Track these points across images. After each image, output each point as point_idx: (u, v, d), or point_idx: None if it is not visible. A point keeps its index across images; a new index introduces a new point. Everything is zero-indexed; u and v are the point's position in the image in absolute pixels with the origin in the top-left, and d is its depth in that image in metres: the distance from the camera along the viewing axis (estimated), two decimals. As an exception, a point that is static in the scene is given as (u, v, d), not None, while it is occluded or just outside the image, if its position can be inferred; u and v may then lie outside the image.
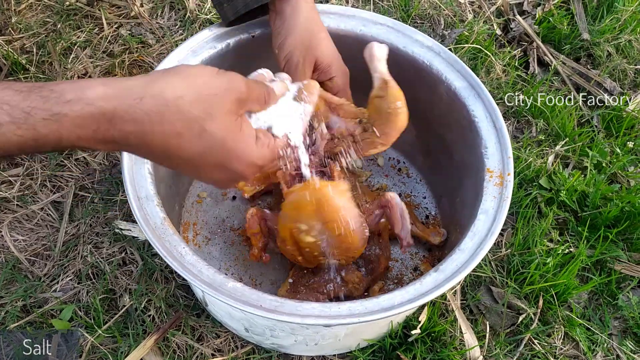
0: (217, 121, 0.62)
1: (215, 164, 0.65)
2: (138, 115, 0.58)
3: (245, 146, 0.66)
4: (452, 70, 1.06)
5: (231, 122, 0.64)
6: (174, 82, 0.60)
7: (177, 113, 0.59)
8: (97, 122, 0.57)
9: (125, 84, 0.59)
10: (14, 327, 1.11)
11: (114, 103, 0.57)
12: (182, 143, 0.61)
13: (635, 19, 1.64)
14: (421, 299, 0.81)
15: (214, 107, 0.62)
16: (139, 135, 0.59)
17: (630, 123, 1.47)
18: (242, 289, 0.82)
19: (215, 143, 0.63)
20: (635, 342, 1.19)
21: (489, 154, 0.97)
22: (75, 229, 1.23)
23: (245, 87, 0.65)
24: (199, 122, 0.61)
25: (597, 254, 1.24)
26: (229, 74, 0.65)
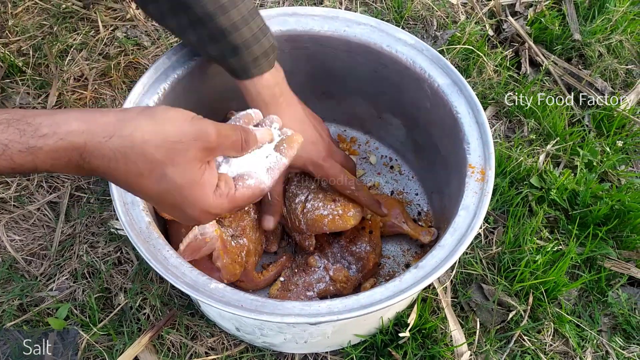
0: (178, 168, 0.64)
1: (172, 205, 0.68)
2: (105, 153, 0.62)
3: (201, 195, 0.67)
4: (435, 68, 1.07)
5: (192, 171, 0.66)
6: (144, 125, 0.63)
7: (141, 155, 0.63)
8: (69, 154, 0.61)
9: (99, 121, 0.62)
10: (11, 326, 1.13)
11: (85, 138, 0.61)
12: (143, 182, 0.65)
13: (626, 20, 1.65)
14: (400, 295, 0.82)
15: (177, 155, 0.64)
16: (104, 169, 0.63)
17: (621, 122, 1.48)
18: (223, 290, 0.83)
19: (173, 188, 0.66)
20: (625, 338, 1.21)
21: (471, 149, 0.99)
22: (71, 228, 1.25)
23: (216, 136, 0.66)
24: (160, 166, 0.64)
25: (587, 252, 1.26)
26: (202, 123, 0.66)
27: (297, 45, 1.17)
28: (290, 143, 0.77)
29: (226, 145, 0.68)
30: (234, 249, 1.06)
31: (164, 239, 0.91)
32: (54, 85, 1.43)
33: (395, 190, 1.30)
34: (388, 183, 1.32)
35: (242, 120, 0.78)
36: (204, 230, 1.00)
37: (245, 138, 0.71)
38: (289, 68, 1.22)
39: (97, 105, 1.41)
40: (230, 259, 1.05)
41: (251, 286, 1.13)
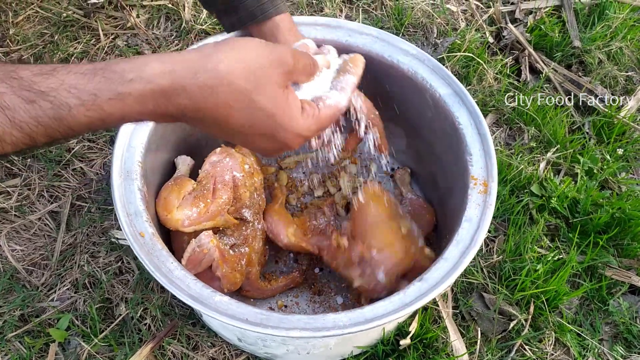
0: (265, 94, 0.65)
1: (263, 134, 0.68)
2: (192, 90, 0.62)
3: (291, 117, 0.68)
4: (437, 78, 1.07)
5: (278, 94, 0.66)
6: (226, 56, 0.63)
7: (228, 86, 0.63)
8: (156, 98, 0.61)
9: (181, 59, 0.62)
10: (12, 337, 1.13)
11: (170, 78, 0.61)
12: (233, 114, 0.65)
13: (626, 26, 1.65)
14: (405, 309, 0.82)
15: (262, 80, 0.64)
16: (193, 108, 0.63)
17: (621, 129, 1.49)
18: (228, 303, 0.83)
19: (263, 115, 0.66)
20: (626, 347, 1.21)
21: (473, 161, 0.99)
22: (72, 238, 1.25)
23: (292, 59, 0.68)
24: (248, 95, 0.64)
25: (587, 260, 1.26)
26: (277, 47, 0.68)
27: (298, 55, 1.17)
28: (355, 62, 0.79)
29: (299, 69, 0.69)
30: (233, 258, 1.06)
31: (168, 250, 0.91)
32: (54, 94, 1.42)
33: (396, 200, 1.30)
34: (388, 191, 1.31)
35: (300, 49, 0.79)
36: (200, 242, 1.01)
37: (313, 62, 0.73)
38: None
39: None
40: (229, 268, 1.05)
41: (257, 294, 1.14)
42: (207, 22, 1.58)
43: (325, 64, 0.78)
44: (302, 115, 0.70)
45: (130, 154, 1.00)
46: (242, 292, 1.13)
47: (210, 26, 1.57)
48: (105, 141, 1.38)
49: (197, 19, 1.59)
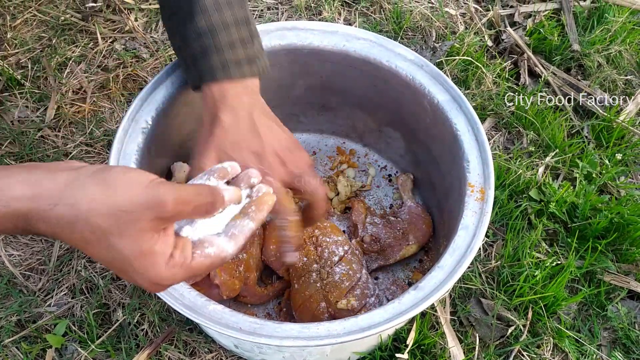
0: (126, 239, 0.60)
1: (122, 273, 0.64)
2: (50, 220, 0.59)
3: (151, 266, 0.63)
4: (435, 84, 1.07)
5: (141, 241, 0.61)
6: (92, 192, 0.60)
7: (86, 225, 0.59)
8: (15, 220, 0.59)
9: (45, 186, 0.60)
10: (9, 342, 1.13)
11: (28, 205, 0.59)
12: (90, 249, 0.62)
13: (625, 30, 1.65)
14: (400, 318, 0.81)
15: (126, 225, 0.60)
16: (52, 234, 0.61)
17: (620, 133, 1.48)
18: (221, 312, 0.83)
19: (121, 258, 0.62)
20: (624, 353, 1.20)
21: (470, 167, 0.98)
22: (70, 243, 1.24)
23: (174, 205, 0.61)
24: (106, 236, 0.60)
25: (586, 265, 1.25)
26: (160, 189, 0.61)
27: (296, 59, 1.16)
28: (259, 205, 0.71)
29: (187, 212, 0.63)
30: (231, 265, 1.06)
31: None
32: (52, 98, 1.42)
33: (395, 204, 1.30)
34: (387, 196, 1.31)
35: (216, 175, 0.71)
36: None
37: (212, 200, 0.65)
38: (289, 81, 1.23)
39: (95, 117, 1.41)
40: (227, 275, 1.05)
41: (254, 300, 1.13)
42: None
43: (237, 200, 0.69)
44: (167, 265, 0.63)
45: (127, 158, 0.99)
46: (239, 298, 1.12)
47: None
48: (102, 145, 1.38)
49: (196, 23, 1.58)
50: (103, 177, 0.61)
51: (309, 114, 1.33)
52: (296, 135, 1.37)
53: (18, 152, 1.34)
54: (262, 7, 1.66)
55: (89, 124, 1.40)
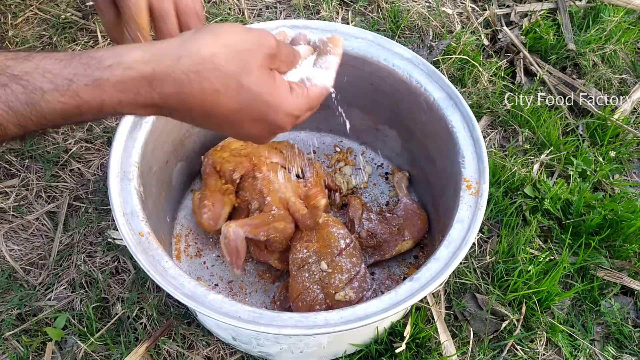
0: (253, 75, 0.63)
1: (254, 118, 0.66)
2: (177, 76, 0.59)
3: (281, 98, 0.66)
4: (431, 82, 1.09)
5: (266, 76, 0.65)
6: (208, 40, 0.62)
7: (214, 70, 0.61)
8: (138, 85, 0.58)
9: (161, 46, 0.61)
10: (10, 335, 1.14)
11: (152, 65, 0.59)
12: (221, 99, 0.62)
13: (620, 29, 1.66)
14: (396, 308, 0.83)
15: (249, 62, 0.63)
16: (178, 96, 0.60)
17: (614, 132, 1.50)
18: (221, 301, 0.84)
19: (253, 97, 0.64)
20: (617, 348, 1.22)
21: (465, 163, 1.00)
22: (70, 238, 1.26)
23: (276, 43, 0.66)
24: (235, 78, 0.62)
25: (579, 261, 1.27)
26: (259, 31, 0.66)
27: (293, 58, 1.18)
28: (334, 42, 0.77)
29: (282, 57, 0.68)
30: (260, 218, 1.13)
31: (163, 249, 0.93)
32: (52, 95, 1.44)
33: (391, 201, 1.32)
34: (383, 193, 1.33)
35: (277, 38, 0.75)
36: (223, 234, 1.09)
37: (293, 52, 0.72)
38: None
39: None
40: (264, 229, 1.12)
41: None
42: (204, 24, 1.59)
43: (309, 52, 0.76)
44: (292, 95, 0.68)
45: (127, 155, 1.01)
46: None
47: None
48: (102, 142, 1.39)
49: (195, 21, 1.60)
50: (210, 30, 0.63)
51: (307, 112, 1.34)
52: (294, 133, 1.39)
53: (19, 149, 1.35)
54: (260, 6, 1.67)
55: (89, 121, 1.41)
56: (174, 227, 1.26)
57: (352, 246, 1.13)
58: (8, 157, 1.34)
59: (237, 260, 1.11)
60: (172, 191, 1.23)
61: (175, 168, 1.22)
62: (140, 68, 0.58)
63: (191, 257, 1.23)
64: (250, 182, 1.17)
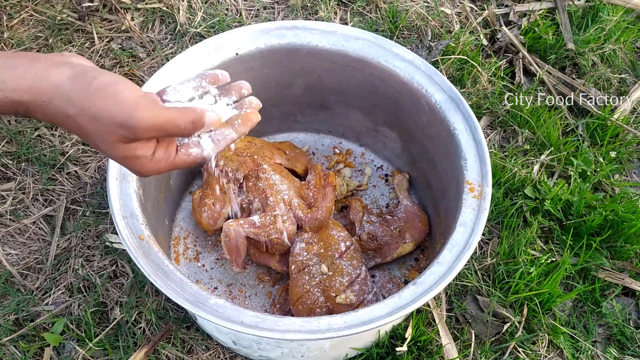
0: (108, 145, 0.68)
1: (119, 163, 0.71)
2: (46, 114, 0.66)
3: (136, 164, 0.70)
4: (433, 83, 1.08)
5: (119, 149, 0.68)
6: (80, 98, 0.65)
7: (76, 125, 0.66)
8: (16, 107, 0.65)
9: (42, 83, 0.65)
10: (7, 341, 1.13)
11: (28, 99, 0.65)
12: (87, 141, 0.68)
13: (619, 29, 1.66)
14: (399, 312, 0.82)
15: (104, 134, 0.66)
16: (53, 123, 0.68)
17: (614, 132, 1.49)
18: (223, 306, 0.84)
19: (110, 155, 0.70)
20: (619, 349, 1.21)
21: (468, 166, 0.99)
22: (67, 242, 1.25)
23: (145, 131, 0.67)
24: (94, 137, 0.67)
25: (581, 262, 1.26)
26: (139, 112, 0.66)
27: (295, 59, 1.17)
28: (245, 120, 0.77)
29: (161, 136, 0.69)
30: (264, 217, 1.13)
31: (163, 253, 0.92)
32: (49, 97, 1.42)
33: (391, 203, 1.31)
34: (383, 195, 1.32)
35: (208, 79, 0.77)
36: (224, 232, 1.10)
37: (191, 128, 0.70)
38: (287, 81, 1.23)
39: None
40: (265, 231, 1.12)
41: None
42: (201, 25, 1.58)
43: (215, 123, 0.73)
44: (152, 160, 0.70)
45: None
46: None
47: (205, 29, 1.57)
48: (99, 144, 1.38)
49: (192, 22, 1.59)
50: (92, 85, 0.66)
51: (307, 113, 1.33)
52: (293, 135, 1.38)
53: (15, 152, 1.34)
54: (258, 7, 1.66)
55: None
56: (173, 229, 1.25)
57: (352, 249, 1.13)
58: (4, 160, 1.33)
59: (237, 259, 1.11)
60: (170, 193, 1.22)
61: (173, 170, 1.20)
62: (17, 98, 0.65)
63: (190, 259, 1.22)
64: (254, 182, 1.16)
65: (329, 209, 1.14)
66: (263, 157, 1.19)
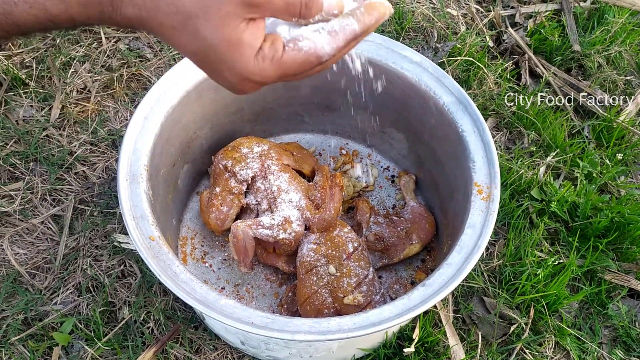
0: (211, 23, 0.56)
1: (211, 67, 0.60)
2: (136, 1, 0.56)
3: (239, 57, 0.58)
4: (441, 85, 1.08)
5: (227, 27, 0.56)
6: None
7: (172, 5, 0.55)
8: (101, 4, 0.56)
9: None
10: (16, 340, 1.13)
11: None
12: (178, 36, 0.57)
13: (625, 31, 1.66)
14: (409, 314, 0.83)
15: (211, 7, 0.55)
16: (139, 21, 0.57)
17: (620, 133, 1.50)
18: (233, 306, 0.84)
19: (208, 47, 0.57)
20: (625, 351, 1.22)
21: (476, 167, 1.00)
22: (75, 242, 1.25)
23: None
24: (192, 19, 0.56)
25: (587, 264, 1.27)
26: None
27: (301, 60, 1.17)
28: (369, 8, 0.61)
29: (278, 6, 0.57)
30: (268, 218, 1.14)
31: (173, 253, 0.92)
32: (57, 97, 1.43)
33: (397, 204, 1.31)
34: (390, 196, 1.32)
35: None
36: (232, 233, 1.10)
37: (307, 2, 0.58)
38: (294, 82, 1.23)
39: (100, 117, 1.42)
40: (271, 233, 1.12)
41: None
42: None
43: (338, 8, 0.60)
44: (256, 57, 0.58)
45: (136, 157, 1.00)
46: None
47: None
48: (107, 145, 1.38)
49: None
50: None
51: (314, 114, 1.34)
52: (300, 135, 1.39)
53: (23, 151, 1.35)
54: (264, 8, 1.67)
55: (93, 123, 1.41)
56: (180, 230, 1.26)
57: (360, 250, 1.13)
58: (12, 160, 1.33)
59: (245, 259, 1.12)
60: (178, 194, 1.22)
61: (182, 170, 1.21)
62: None
63: (197, 260, 1.23)
64: (262, 183, 1.16)
65: (336, 210, 1.14)
66: (271, 158, 1.20)
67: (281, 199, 1.14)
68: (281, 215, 1.12)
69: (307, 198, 1.16)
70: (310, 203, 1.16)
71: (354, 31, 0.60)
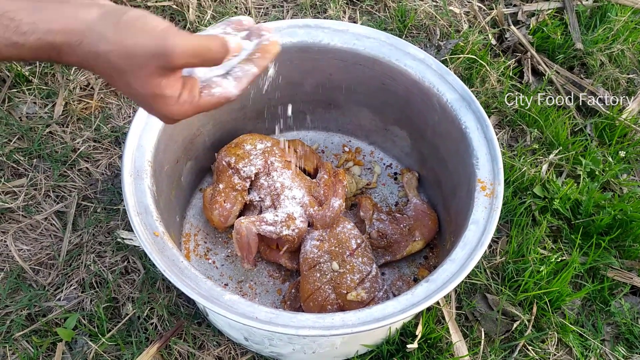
0: (139, 80, 0.66)
1: (145, 108, 0.71)
2: (78, 54, 0.65)
3: (164, 105, 0.69)
4: (444, 82, 1.08)
5: (151, 84, 0.67)
6: (110, 34, 0.64)
7: (107, 63, 0.65)
8: (48, 51, 0.65)
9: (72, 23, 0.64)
10: (20, 336, 1.14)
11: (60, 39, 0.64)
12: (115, 83, 0.68)
13: (627, 29, 1.66)
14: (413, 309, 0.83)
15: (136, 68, 0.65)
16: (82, 67, 0.67)
17: (623, 131, 1.50)
18: (238, 302, 0.84)
19: (139, 95, 0.68)
20: (627, 348, 1.22)
21: (479, 164, 1.00)
22: (79, 238, 1.25)
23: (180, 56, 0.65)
24: (124, 74, 0.66)
25: (590, 261, 1.27)
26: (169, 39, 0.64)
27: (306, 57, 1.18)
28: (264, 52, 0.75)
29: (195, 63, 0.68)
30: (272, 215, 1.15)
31: (178, 249, 0.92)
32: (60, 94, 1.43)
33: (400, 201, 1.32)
34: (392, 193, 1.33)
35: (233, 25, 0.77)
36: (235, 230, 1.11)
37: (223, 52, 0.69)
38: (297, 79, 1.24)
39: (103, 114, 1.42)
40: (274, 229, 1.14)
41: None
42: (211, 23, 1.59)
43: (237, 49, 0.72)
44: (177, 103, 0.70)
45: (140, 154, 1.01)
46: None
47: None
48: (110, 141, 1.39)
49: (202, 20, 1.60)
50: (122, 21, 0.65)
51: (317, 112, 1.34)
52: (302, 133, 1.39)
53: (27, 148, 1.35)
54: (267, 5, 1.67)
55: (97, 120, 1.41)
56: (183, 226, 1.26)
57: (363, 246, 1.13)
58: (16, 156, 1.34)
59: (249, 256, 1.12)
60: (181, 190, 1.23)
61: (185, 167, 1.21)
62: (50, 39, 0.64)
63: (200, 256, 1.23)
64: (265, 180, 1.17)
65: (339, 207, 1.14)
66: (274, 155, 1.20)
67: (284, 196, 1.14)
68: (284, 212, 1.13)
69: (310, 195, 1.17)
70: (313, 200, 1.16)
71: (255, 74, 0.74)
